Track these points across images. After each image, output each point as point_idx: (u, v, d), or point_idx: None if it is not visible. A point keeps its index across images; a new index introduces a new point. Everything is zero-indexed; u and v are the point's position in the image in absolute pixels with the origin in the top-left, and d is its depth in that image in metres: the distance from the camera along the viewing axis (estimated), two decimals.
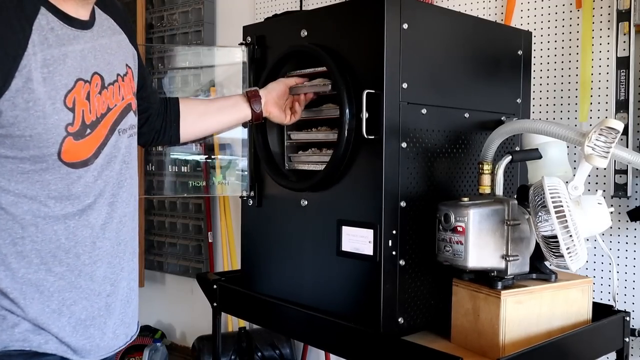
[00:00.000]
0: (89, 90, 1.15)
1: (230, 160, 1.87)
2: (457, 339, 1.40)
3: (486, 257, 1.33)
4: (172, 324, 3.86)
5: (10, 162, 1.09)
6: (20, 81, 1.05)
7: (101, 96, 1.19)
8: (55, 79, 1.09)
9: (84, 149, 1.16)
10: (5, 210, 1.11)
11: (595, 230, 1.38)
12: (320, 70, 1.53)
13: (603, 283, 2.08)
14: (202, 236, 3.49)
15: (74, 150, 1.14)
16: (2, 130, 1.06)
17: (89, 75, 1.16)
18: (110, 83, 1.22)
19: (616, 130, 1.23)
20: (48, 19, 1.10)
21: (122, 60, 1.28)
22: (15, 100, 1.05)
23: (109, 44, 1.24)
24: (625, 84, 1.94)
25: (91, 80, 1.16)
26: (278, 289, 1.62)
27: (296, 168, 1.62)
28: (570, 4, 2.15)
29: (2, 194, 1.10)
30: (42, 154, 1.10)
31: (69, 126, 1.12)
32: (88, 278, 1.20)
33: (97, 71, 1.18)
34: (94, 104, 1.16)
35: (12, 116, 1.05)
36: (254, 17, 3.19)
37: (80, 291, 1.20)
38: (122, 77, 1.26)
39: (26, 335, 1.13)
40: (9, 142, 1.08)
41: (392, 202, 1.37)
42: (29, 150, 1.09)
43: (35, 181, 1.12)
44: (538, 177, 1.45)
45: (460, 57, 1.52)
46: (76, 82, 1.13)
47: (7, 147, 1.08)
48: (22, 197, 1.11)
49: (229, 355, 3.05)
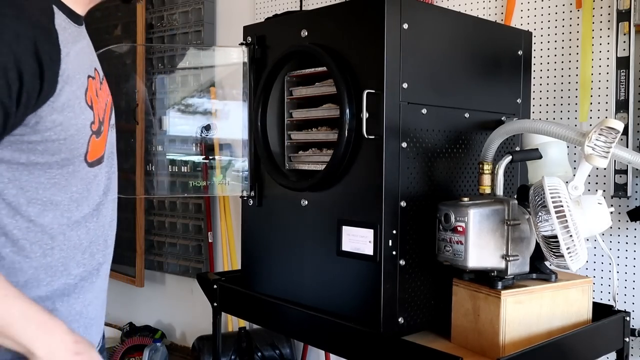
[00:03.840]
0: (95, 87, 1.15)
1: (230, 160, 1.88)
2: (457, 339, 1.41)
3: (486, 257, 1.33)
4: (172, 324, 3.86)
5: (39, 169, 1.07)
6: (61, 85, 1.03)
7: (102, 91, 1.18)
8: (76, 77, 1.08)
9: (100, 146, 1.16)
10: (34, 222, 1.08)
11: (595, 230, 1.38)
12: (320, 70, 1.53)
13: (603, 283, 2.08)
14: (202, 236, 3.49)
15: (95, 149, 1.13)
16: (37, 136, 1.04)
17: (92, 71, 1.16)
18: (102, 78, 1.21)
19: (616, 130, 1.23)
20: (61, 17, 1.08)
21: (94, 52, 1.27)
22: (54, 105, 1.03)
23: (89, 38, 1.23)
24: (625, 84, 1.94)
25: (95, 76, 1.16)
26: (278, 289, 1.62)
27: (296, 168, 1.62)
28: (570, 4, 2.15)
29: (30, 205, 1.07)
30: (72, 156, 1.09)
31: (92, 124, 1.11)
32: (99, 276, 1.21)
33: (95, 66, 1.18)
34: (100, 100, 1.16)
35: (50, 120, 1.03)
36: (254, 17, 3.19)
37: (94, 290, 1.19)
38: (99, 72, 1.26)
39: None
40: (42, 148, 1.05)
41: (392, 202, 1.37)
42: (60, 154, 1.07)
43: (62, 186, 1.10)
44: (538, 177, 1.46)
45: (460, 57, 1.52)
46: (88, 79, 1.12)
47: (39, 153, 1.05)
48: (47, 205, 1.09)
49: (229, 355, 3.05)
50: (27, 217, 1.07)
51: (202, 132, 2.06)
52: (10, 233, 1.06)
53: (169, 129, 2.31)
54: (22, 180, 1.06)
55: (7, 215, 1.05)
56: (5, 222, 1.05)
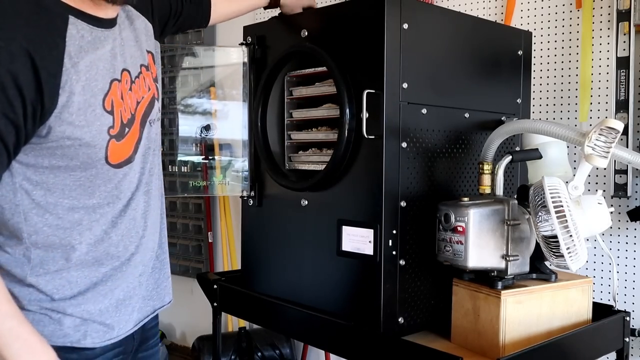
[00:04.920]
0: (122, 89, 1.17)
1: (230, 161, 1.87)
2: (457, 339, 1.41)
3: (486, 257, 1.33)
4: (172, 324, 3.86)
5: (63, 171, 1.11)
6: (64, 97, 1.05)
7: (132, 92, 1.20)
8: (92, 85, 1.09)
9: (126, 148, 1.18)
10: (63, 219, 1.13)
11: (595, 230, 1.38)
12: (320, 70, 1.53)
13: (603, 283, 2.08)
14: (202, 236, 3.49)
15: (118, 152, 1.16)
16: (52, 143, 1.07)
17: (119, 73, 1.17)
18: (136, 76, 1.22)
19: (616, 130, 1.23)
20: (77, 27, 1.09)
21: (143, 48, 1.28)
22: (61, 116, 1.06)
23: (130, 35, 1.24)
24: (625, 84, 1.94)
25: (121, 78, 1.17)
26: (278, 289, 1.62)
27: (296, 168, 1.62)
28: (570, 4, 2.15)
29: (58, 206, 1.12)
30: (91, 160, 1.12)
31: (111, 129, 1.13)
32: (130, 264, 1.25)
33: (125, 67, 1.19)
34: (127, 102, 1.18)
35: (60, 131, 1.06)
36: (254, 17, 3.19)
37: (123, 276, 1.24)
38: (146, 67, 1.27)
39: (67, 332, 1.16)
40: (60, 153, 1.09)
41: (392, 202, 1.37)
42: (78, 157, 1.10)
43: (87, 187, 1.14)
44: (538, 177, 1.45)
45: (460, 57, 1.52)
46: (111, 84, 1.14)
47: (59, 157, 1.09)
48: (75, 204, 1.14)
49: (229, 355, 3.05)
50: (56, 215, 1.12)
51: (202, 132, 2.06)
52: (41, 230, 1.12)
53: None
54: (49, 183, 1.11)
55: (37, 214, 1.11)
56: (35, 220, 1.11)
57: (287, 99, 1.64)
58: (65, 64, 1.05)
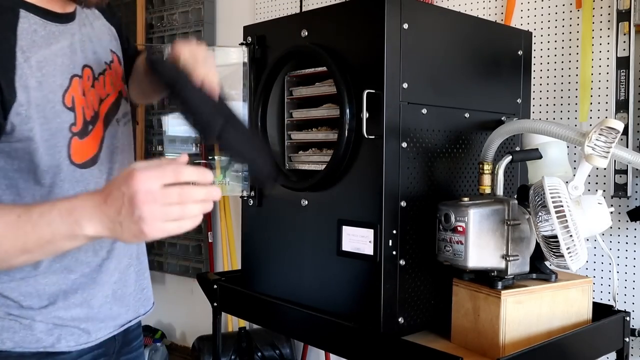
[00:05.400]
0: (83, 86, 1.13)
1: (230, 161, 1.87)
2: (457, 339, 1.40)
3: (486, 257, 1.33)
4: (172, 324, 3.86)
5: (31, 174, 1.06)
6: (21, 92, 1.02)
7: (94, 89, 1.17)
8: (50, 81, 1.06)
9: (90, 146, 1.15)
10: None
11: (595, 230, 1.38)
12: (320, 70, 1.53)
13: (603, 283, 2.08)
14: (202, 236, 3.49)
15: (81, 150, 1.12)
16: (21, 144, 1.04)
17: (80, 69, 1.14)
18: (100, 73, 1.19)
19: (616, 130, 1.23)
20: (30, 21, 1.05)
21: (106, 47, 1.24)
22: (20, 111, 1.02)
23: (92, 32, 1.20)
24: (625, 84, 1.94)
25: (82, 74, 1.14)
26: (278, 289, 1.62)
27: (296, 168, 1.62)
28: (570, 4, 2.15)
29: None
30: (55, 161, 1.08)
31: (73, 126, 1.10)
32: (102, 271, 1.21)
33: (86, 63, 1.15)
34: (89, 99, 1.15)
35: (22, 129, 1.03)
36: (254, 17, 3.19)
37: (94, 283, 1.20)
38: (109, 65, 1.23)
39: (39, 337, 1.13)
40: (24, 154, 1.05)
41: (392, 202, 1.37)
42: (43, 158, 1.06)
43: (56, 193, 1.10)
44: (538, 177, 1.45)
45: (460, 57, 1.52)
46: (72, 80, 1.11)
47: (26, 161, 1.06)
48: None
49: (229, 355, 3.05)
50: None
51: None
52: None
53: (169, 129, 2.31)
54: (19, 187, 1.07)
55: None
56: None
57: (287, 99, 1.64)
58: (17, 58, 1.02)
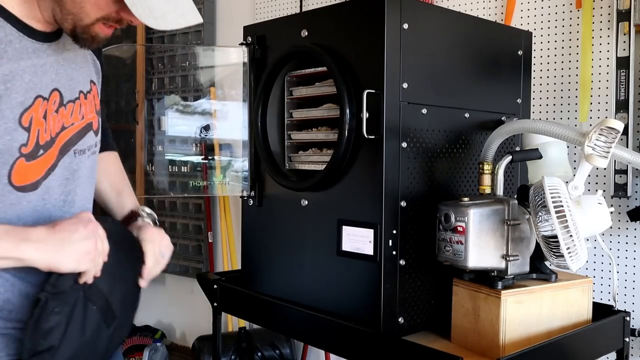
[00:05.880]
0: (46, 109, 1.07)
1: (230, 161, 1.88)
2: (457, 339, 1.40)
3: (486, 257, 1.33)
4: (172, 324, 3.85)
5: None
6: None
7: (57, 114, 1.10)
8: (12, 97, 1.01)
9: (35, 170, 1.07)
10: None
11: (595, 230, 1.38)
12: (320, 70, 1.53)
13: (603, 283, 2.08)
14: (202, 236, 3.49)
15: (24, 172, 1.05)
16: None
17: (48, 92, 1.08)
18: (70, 100, 1.13)
19: (616, 130, 1.23)
20: (6, 31, 1.02)
21: (86, 76, 1.19)
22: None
23: (74, 58, 1.15)
24: (625, 84, 1.94)
25: (49, 98, 1.08)
26: (278, 289, 1.62)
27: (296, 168, 1.62)
28: (570, 4, 2.15)
29: None
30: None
31: (23, 147, 1.03)
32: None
33: (56, 87, 1.10)
34: (49, 123, 1.08)
35: None
36: (254, 17, 3.19)
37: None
38: (85, 95, 1.17)
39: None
40: None
41: (392, 202, 1.37)
42: None
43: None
44: (538, 177, 1.46)
45: (460, 57, 1.52)
46: (35, 100, 1.05)
47: None
48: None
49: (229, 355, 3.05)
50: None
51: (202, 132, 2.06)
52: None
53: (168, 129, 2.31)
54: None
55: None
56: None
57: (287, 99, 1.64)
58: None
